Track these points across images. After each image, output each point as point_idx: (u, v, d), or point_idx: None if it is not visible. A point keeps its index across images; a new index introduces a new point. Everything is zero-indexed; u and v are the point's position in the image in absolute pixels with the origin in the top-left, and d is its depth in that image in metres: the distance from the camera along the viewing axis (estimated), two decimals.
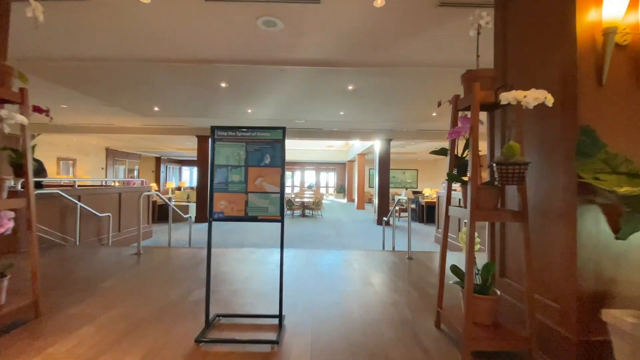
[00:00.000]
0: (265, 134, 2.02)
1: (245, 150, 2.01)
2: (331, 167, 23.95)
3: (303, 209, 11.57)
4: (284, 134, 2.03)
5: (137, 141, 13.15)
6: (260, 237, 7.44)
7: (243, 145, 2.01)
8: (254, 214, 2.00)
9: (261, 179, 2.00)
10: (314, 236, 7.69)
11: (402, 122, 8.32)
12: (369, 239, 7.54)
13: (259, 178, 2.00)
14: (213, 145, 2.02)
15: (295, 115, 7.53)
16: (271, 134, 2.02)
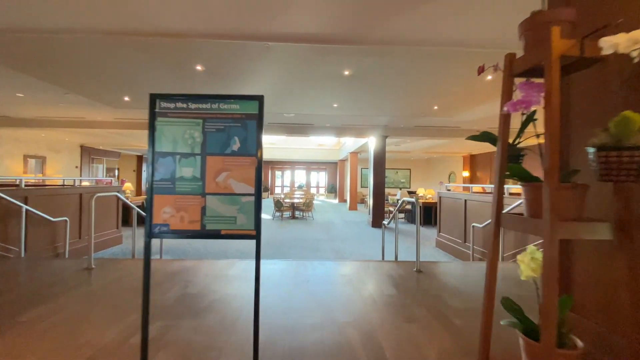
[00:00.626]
0: (233, 105, 1.35)
1: (202, 130, 1.33)
2: (322, 167, 23.33)
3: (293, 210, 10.89)
4: (262, 106, 1.37)
5: (114, 137, 12.22)
6: (250, 242, 6.74)
7: (199, 123, 1.34)
8: (214, 226, 1.33)
9: (226, 174, 1.33)
10: (305, 240, 7.02)
11: (400, 117, 7.73)
12: (364, 243, 6.92)
13: (223, 173, 1.33)
14: (153, 122, 1.34)
15: (284, 107, 6.85)
16: (242, 105, 1.35)
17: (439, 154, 15.70)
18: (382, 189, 9.22)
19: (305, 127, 9.19)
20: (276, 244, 6.70)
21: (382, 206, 9.18)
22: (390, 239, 6.72)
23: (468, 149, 13.72)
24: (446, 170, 17.27)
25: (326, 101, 6.21)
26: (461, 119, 7.88)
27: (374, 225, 9.11)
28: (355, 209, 14.35)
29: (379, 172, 9.23)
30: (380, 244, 6.23)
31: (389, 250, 5.32)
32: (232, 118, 1.33)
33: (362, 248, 6.43)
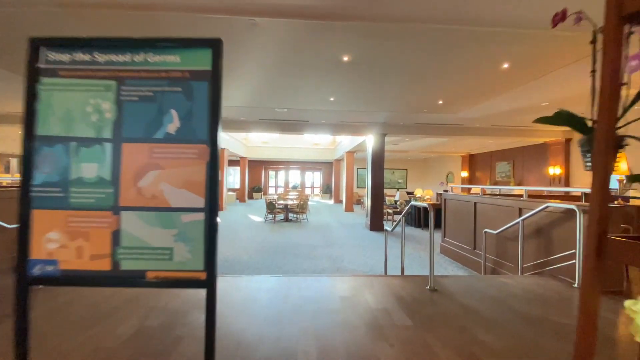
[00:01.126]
0: (169, 57, 0.79)
1: (115, 98, 0.78)
2: (317, 167, 22.79)
3: (286, 212, 10.32)
4: (219, 57, 0.81)
5: None
6: (260, 243, 6.16)
7: (110, 87, 0.78)
8: (134, 265, 0.78)
9: (156, 175, 0.78)
10: (299, 247, 6.47)
11: (400, 113, 7.22)
12: (363, 249, 6.39)
13: (150, 172, 0.78)
14: (32, 87, 0.78)
15: (275, 101, 6.28)
16: (184, 57, 0.79)
17: (436, 154, 15.27)
18: (380, 190, 8.70)
19: (299, 124, 8.63)
20: (267, 250, 6.13)
21: (380, 208, 8.67)
22: (392, 244, 6.22)
23: (467, 148, 13.31)
24: (444, 170, 16.86)
25: (322, 94, 5.67)
26: (464, 116, 7.41)
27: (372, 228, 8.59)
28: (352, 211, 13.84)
29: (378, 172, 8.71)
30: (381, 250, 5.72)
31: (392, 260, 4.81)
32: (168, 78, 0.78)
33: (361, 255, 5.90)
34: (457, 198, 5.72)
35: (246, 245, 6.48)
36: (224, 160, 13.63)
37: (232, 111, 7.38)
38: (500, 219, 4.51)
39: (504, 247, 4.39)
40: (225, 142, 13.91)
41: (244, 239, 7.14)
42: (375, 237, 7.71)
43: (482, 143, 11.54)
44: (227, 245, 6.48)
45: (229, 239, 7.18)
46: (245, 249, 6.15)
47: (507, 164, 12.08)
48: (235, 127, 8.58)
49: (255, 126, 8.62)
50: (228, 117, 8.14)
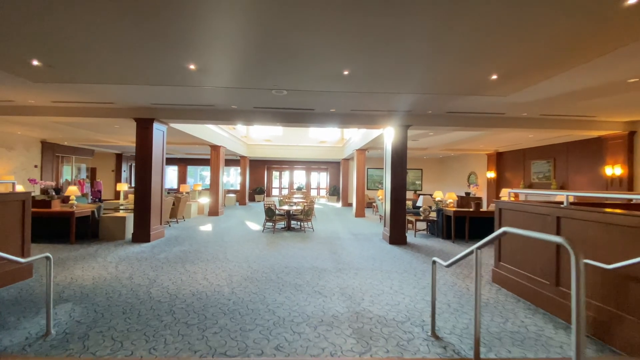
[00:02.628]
0: None
1: None
2: (323, 167, 21.24)
3: (288, 219, 8.77)
4: None
5: (74, 131, 10.13)
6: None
7: None
8: None
9: None
10: (302, 272, 4.91)
11: (432, 96, 5.61)
12: (388, 277, 4.80)
13: None
14: None
15: (272, 78, 4.73)
16: None
17: (458, 152, 13.58)
18: (402, 194, 7.10)
19: (303, 114, 7.08)
20: (259, 278, 4.58)
21: (402, 216, 7.06)
22: (418, 262, 4.54)
23: (495, 145, 11.61)
24: (465, 170, 15.16)
25: (334, 62, 4.09)
26: (512, 101, 5.78)
27: (392, 241, 6.99)
28: (363, 216, 12.24)
29: (399, 171, 7.11)
30: (410, 277, 4.12)
31: (419, 293, 3.23)
32: None
33: (387, 287, 4.31)
34: (524, 209, 4.10)
35: (232, 269, 4.95)
36: (220, 159, 12.16)
37: (219, 96, 5.85)
38: (612, 246, 2.90)
39: (625, 292, 2.77)
40: (222, 139, 12.43)
41: (232, 258, 5.61)
42: (398, 254, 6.11)
43: (517, 138, 9.84)
44: (207, 267, 4.95)
45: (213, 257, 5.65)
46: (229, 276, 4.61)
47: (546, 163, 10.36)
48: (225, 118, 7.06)
49: (249, 117, 7.09)
50: (215, 106, 6.63)
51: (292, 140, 17.75)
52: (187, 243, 6.85)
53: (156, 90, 5.52)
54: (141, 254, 5.84)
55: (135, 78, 4.84)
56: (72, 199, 7.02)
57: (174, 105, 6.62)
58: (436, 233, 8.12)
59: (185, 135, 9.82)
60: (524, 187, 11.06)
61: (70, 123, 8.61)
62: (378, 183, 17.78)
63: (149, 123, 6.92)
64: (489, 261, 5.74)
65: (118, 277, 4.47)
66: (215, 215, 12.00)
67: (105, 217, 7.20)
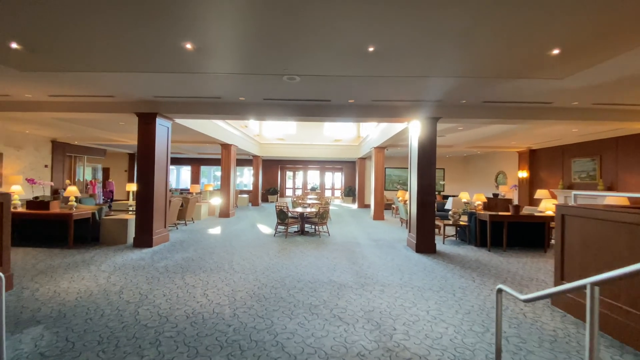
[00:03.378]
0: None
1: None
2: (338, 167, 20.50)
3: (302, 223, 8.07)
4: None
5: (82, 130, 9.80)
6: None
7: None
8: None
9: None
10: (317, 288, 4.18)
11: (470, 80, 4.78)
12: (422, 295, 4.02)
13: None
14: None
15: (283, 61, 4.03)
16: None
17: (486, 149, 12.54)
18: (430, 196, 6.27)
19: (319, 106, 6.36)
20: (266, 296, 3.90)
21: (431, 222, 6.23)
22: (455, 278, 3.87)
23: (529, 141, 10.55)
24: (492, 169, 14.07)
25: (356, 38, 3.35)
26: (567, 86, 4.88)
27: (419, 249, 6.17)
28: (382, 219, 11.42)
29: (427, 170, 6.28)
30: (447, 296, 3.28)
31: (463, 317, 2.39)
32: None
33: (422, 311, 3.54)
34: (601, 216, 3.22)
35: (237, 283, 4.28)
36: (231, 158, 11.61)
37: (224, 85, 5.22)
38: None
39: None
40: (233, 137, 11.89)
41: (238, 268, 4.95)
42: (428, 266, 5.30)
43: (557, 133, 8.80)
44: (209, 279, 4.31)
45: (217, 267, 5.01)
46: (233, 292, 3.94)
47: (591, 160, 9.25)
48: (233, 111, 6.43)
49: (259, 110, 6.43)
50: (222, 98, 6.01)
51: (306, 139, 17.08)
52: (192, 249, 6.26)
53: (156, 80, 4.94)
54: (140, 261, 5.27)
55: (128, 64, 4.25)
56: (71, 200, 6.55)
57: (177, 98, 6.04)
58: (467, 239, 7.23)
59: (195, 133, 9.30)
60: (563, 188, 9.95)
61: (73, 120, 8.22)
62: (397, 183, 16.86)
63: (152, 118, 6.37)
64: (537, 275, 4.85)
65: (106, 292, 3.88)
66: (226, 217, 11.46)
67: (107, 219, 6.71)
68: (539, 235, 6.99)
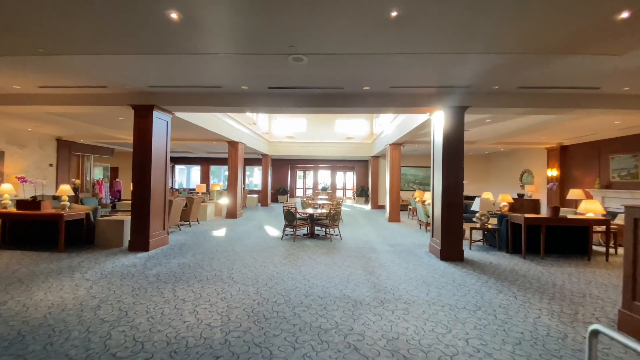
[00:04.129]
0: None
1: None
2: (349, 166, 19.81)
3: (312, 225, 7.43)
4: None
5: (81, 126, 9.44)
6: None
7: None
8: None
9: None
10: (328, 304, 3.54)
11: (508, 58, 4.03)
12: (456, 317, 3.31)
13: None
14: None
15: (287, 36, 3.38)
16: None
17: (512, 146, 11.61)
18: (458, 196, 5.53)
19: (329, 95, 5.71)
20: (265, 317, 3.28)
21: (458, 225, 5.49)
22: (492, 293, 3.05)
23: (560, 136, 9.59)
24: (516, 167, 13.12)
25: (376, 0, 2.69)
26: (624, 66, 4.07)
27: (444, 256, 5.44)
28: (398, 220, 10.66)
29: (453, 167, 5.55)
30: (490, 319, 2.53)
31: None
32: None
33: (460, 343, 2.84)
34: None
35: (235, 297, 3.67)
36: (239, 156, 11.09)
37: (224, 71, 4.63)
38: None
39: None
40: (241, 135, 11.38)
41: (238, 278, 4.35)
42: (457, 277, 4.56)
43: (595, 126, 7.87)
44: (202, 292, 3.71)
45: (215, 275, 4.41)
46: (228, 308, 3.32)
47: (632, 157, 8.27)
48: (236, 103, 5.84)
49: (264, 101, 5.83)
50: (223, 87, 5.43)
51: (317, 137, 16.45)
52: (191, 253, 5.71)
53: (147, 65, 4.40)
54: (131, 268, 4.73)
55: (111, 43, 3.70)
56: (63, 200, 6.11)
57: (174, 88, 5.50)
58: (497, 245, 6.43)
59: (199, 129, 8.80)
60: (600, 187, 8.99)
61: (72, 115, 7.83)
62: (412, 183, 16.03)
63: (148, 110, 5.86)
64: (588, 289, 4.06)
65: (82, 306, 3.33)
66: (233, 217, 10.94)
67: (102, 220, 6.24)
68: (580, 241, 6.14)
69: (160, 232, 6.22)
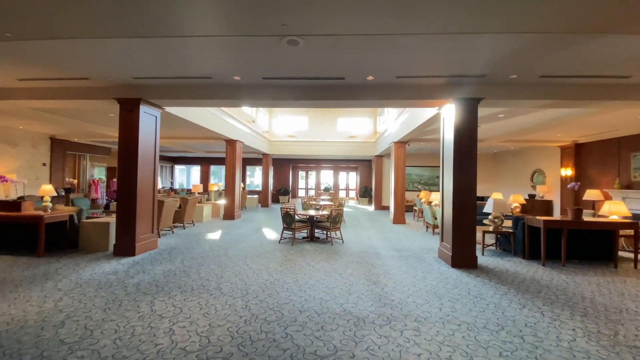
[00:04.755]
0: None
1: None
2: (352, 166, 19.36)
3: (312, 228, 6.97)
4: None
5: (71, 123, 9.05)
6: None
7: None
8: None
9: None
10: (326, 323, 3.08)
11: (531, 39, 3.54)
12: (475, 341, 2.83)
13: None
14: None
15: (279, 11, 2.92)
16: None
17: (523, 144, 11.08)
18: (471, 197, 5.04)
19: (329, 87, 5.24)
20: (252, 339, 2.83)
21: (471, 229, 5.00)
22: (514, 308, 2.55)
23: (576, 133, 9.05)
24: (526, 167, 12.56)
25: None
26: None
27: (455, 263, 4.95)
28: (403, 222, 10.17)
29: (465, 165, 5.05)
30: (515, 341, 2.06)
31: None
32: None
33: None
34: None
35: (219, 313, 3.21)
36: (237, 155, 10.67)
37: (213, 58, 4.19)
38: None
39: None
40: (239, 133, 10.97)
41: (226, 289, 3.90)
42: (472, 288, 4.08)
43: (616, 121, 7.32)
44: (184, 306, 3.26)
45: (201, 285, 3.96)
46: (210, 328, 2.87)
47: None
48: (229, 95, 5.41)
49: (258, 93, 5.38)
50: (213, 78, 5.00)
51: (318, 136, 15.99)
52: (180, 259, 5.27)
53: (128, 50, 3.97)
54: (111, 275, 4.31)
55: (84, 24, 3.27)
56: (45, 201, 5.70)
57: (161, 79, 5.08)
58: (512, 250, 5.92)
59: (195, 127, 8.38)
60: (620, 188, 8.43)
61: (59, 112, 7.45)
62: (417, 183, 15.51)
63: (134, 104, 5.44)
64: (624, 303, 3.54)
65: (45, 323, 2.90)
66: (230, 219, 10.51)
67: (87, 223, 5.83)
68: (603, 246, 5.62)
69: (149, 235, 5.80)
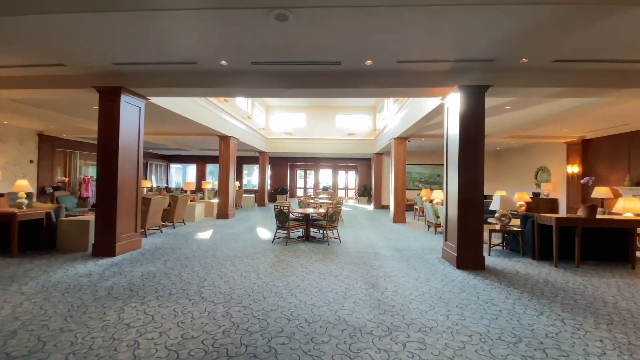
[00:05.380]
0: None
1: None
2: (351, 164, 18.98)
3: (307, 227, 6.58)
4: None
5: (56, 117, 8.65)
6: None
7: None
8: None
9: None
10: (317, 334, 2.70)
11: (554, 10, 3.16)
12: (490, 356, 2.43)
13: None
14: None
15: None
16: None
17: (526, 140, 10.70)
18: (478, 194, 4.66)
19: (324, 73, 4.85)
20: (228, 357, 2.43)
21: (478, 228, 4.61)
22: (529, 314, 2.32)
23: (584, 128, 8.68)
24: (530, 164, 12.18)
25: None
26: None
27: (461, 264, 4.56)
28: (403, 222, 9.78)
29: (471, 159, 4.67)
30: (538, 355, 1.69)
31: None
32: None
33: None
34: None
35: (196, 323, 2.82)
36: (231, 152, 10.27)
37: (195, 40, 3.80)
38: None
39: None
40: (233, 129, 10.57)
41: (207, 294, 3.50)
42: (480, 291, 3.69)
43: (629, 113, 6.95)
44: (157, 314, 2.87)
45: (180, 290, 3.57)
46: (182, 341, 2.48)
47: None
48: (216, 83, 5.02)
49: (247, 80, 4.99)
50: (198, 64, 4.60)
51: (317, 133, 15.59)
52: (162, 260, 4.88)
53: (103, 30, 3.57)
54: (83, 278, 3.91)
55: None
56: (20, 197, 5.30)
57: (144, 65, 4.68)
58: (521, 250, 5.53)
59: (185, 121, 7.99)
60: (631, 185, 8.06)
61: (30, 102, 7.04)
62: (418, 181, 15.12)
63: (114, 93, 5.04)
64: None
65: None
66: (224, 218, 10.11)
67: (64, 221, 5.43)
68: (618, 245, 5.24)
69: (131, 234, 5.41)
